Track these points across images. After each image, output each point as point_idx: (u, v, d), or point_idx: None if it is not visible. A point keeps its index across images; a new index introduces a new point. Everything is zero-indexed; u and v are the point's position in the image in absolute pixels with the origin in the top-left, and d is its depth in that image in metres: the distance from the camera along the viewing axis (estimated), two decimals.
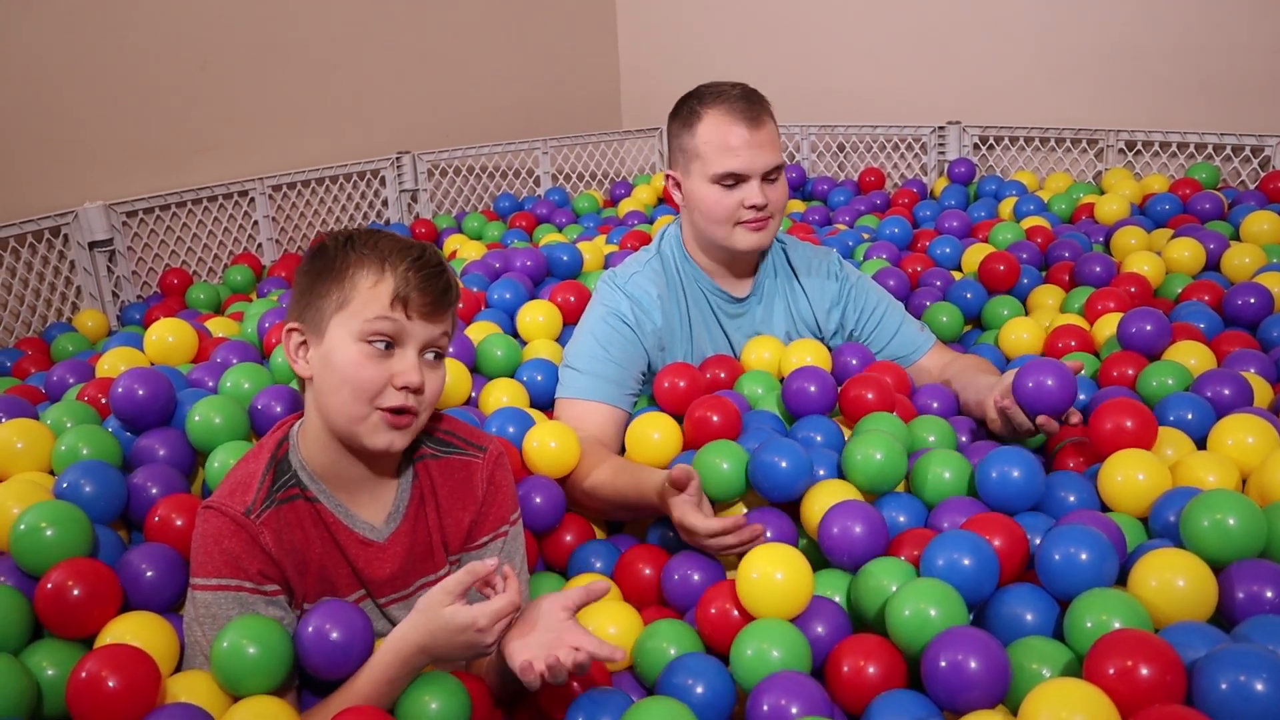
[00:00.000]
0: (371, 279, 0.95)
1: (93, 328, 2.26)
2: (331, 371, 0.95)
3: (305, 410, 1.03)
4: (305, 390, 1.02)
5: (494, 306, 1.96)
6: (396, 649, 0.92)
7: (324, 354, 0.96)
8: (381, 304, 0.95)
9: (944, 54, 3.01)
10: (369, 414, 0.95)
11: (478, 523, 1.09)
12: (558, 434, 1.34)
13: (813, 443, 1.31)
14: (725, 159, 1.42)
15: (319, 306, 0.97)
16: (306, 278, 0.99)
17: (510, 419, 1.42)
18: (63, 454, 1.26)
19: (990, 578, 0.99)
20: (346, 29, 2.90)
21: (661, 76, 3.61)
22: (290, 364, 1.00)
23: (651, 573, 1.20)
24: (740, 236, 1.46)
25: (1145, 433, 1.21)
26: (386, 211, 3.08)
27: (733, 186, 1.43)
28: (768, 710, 0.88)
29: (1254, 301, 1.63)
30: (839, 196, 2.95)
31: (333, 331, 0.95)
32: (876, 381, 1.37)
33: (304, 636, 0.93)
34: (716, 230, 1.47)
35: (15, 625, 1.01)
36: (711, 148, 1.43)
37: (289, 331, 1.00)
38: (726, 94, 1.45)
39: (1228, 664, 0.76)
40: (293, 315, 1.00)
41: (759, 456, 1.18)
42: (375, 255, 0.96)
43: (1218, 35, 2.54)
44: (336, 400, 0.95)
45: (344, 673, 0.93)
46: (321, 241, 1.00)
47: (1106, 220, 2.33)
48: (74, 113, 2.31)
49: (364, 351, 0.94)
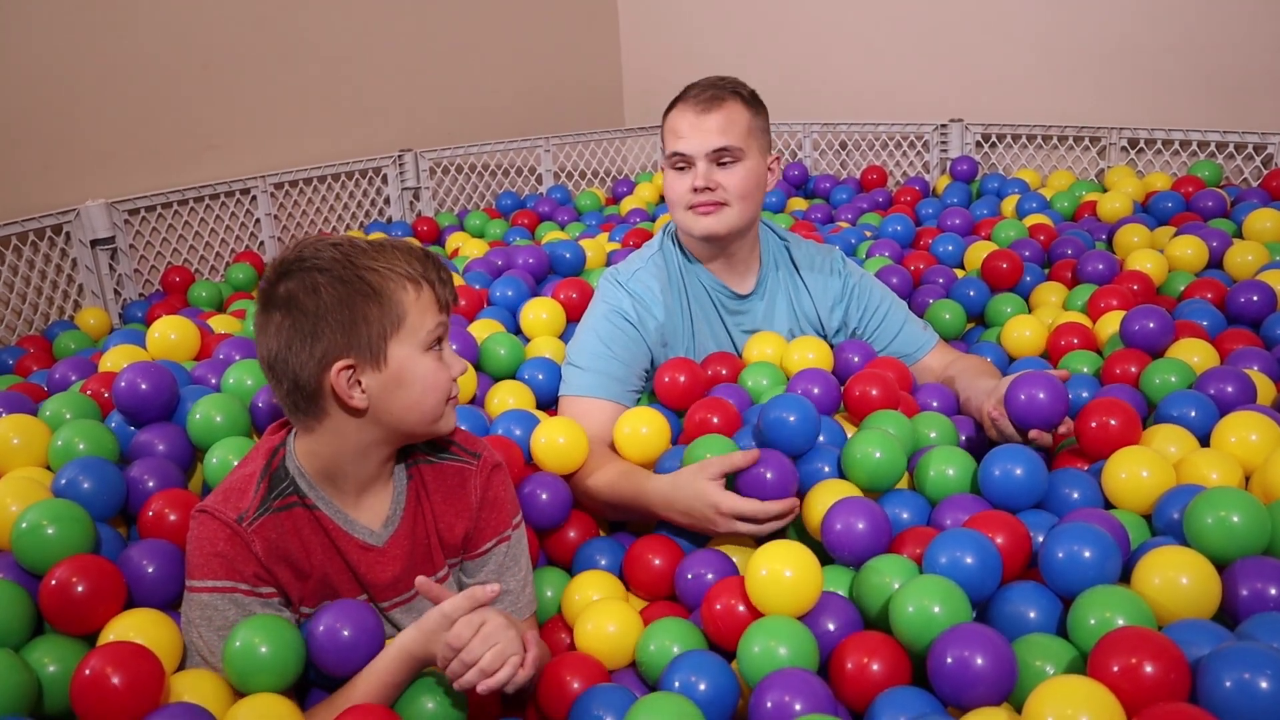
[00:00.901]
0: (412, 292, 0.97)
1: (95, 325, 2.26)
2: (409, 388, 0.97)
3: (319, 425, 0.99)
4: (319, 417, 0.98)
5: (496, 304, 1.96)
6: (398, 656, 0.94)
7: (392, 376, 0.96)
8: (433, 312, 0.98)
9: (946, 51, 3.01)
10: (444, 409, 1.01)
11: (477, 531, 1.10)
12: (566, 430, 1.34)
13: (819, 444, 1.31)
14: (672, 142, 1.47)
15: (365, 335, 0.94)
16: (332, 312, 0.93)
17: (516, 421, 1.42)
18: (59, 449, 1.26)
19: (993, 576, 0.98)
20: (348, 27, 2.90)
21: (664, 74, 3.60)
22: (340, 402, 0.95)
23: (661, 563, 1.20)
24: (691, 220, 1.47)
25: (1130, 430, 1.22)
26: (389, 209, 3.08)
27: (684, 170, 1.46)
28: (771, 707, 0.88)
29: (1256, 299, 1.63)
30: (841, 194, 2.95)
31: (395, 353, 0.96)
32: (880, 378, 1.37)
33: (315, 634, 0.94)
34: (676, 216, 1.50)
35: (17, 621, 1.01)
36: (668, 132, 1.49)
37: (340, 371, 0.93)
38: (696, 85, 1.48)
39: (1232, 662, 0.76)
40: (334, 353, 0.93)
41: (769, 414, 1.22)
42: (402, 269, 0.97)
43: (1220, 33, 2.54)
44: (419, 411, 0.99)
45: (352, 670, 0.95)
46: (307, 271, 0.94)
47: (1109, 218, 2.33)
48: (76, 111, 2.31)
49: (433, 359, 0.98)
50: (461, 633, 0.90)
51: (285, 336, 0.94)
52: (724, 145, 1.43)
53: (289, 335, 0.93)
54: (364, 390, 0.95)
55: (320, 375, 0.94)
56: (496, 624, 0.91)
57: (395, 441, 1.02)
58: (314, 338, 0.93)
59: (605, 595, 1.18)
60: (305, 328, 0.93)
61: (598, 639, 1.09)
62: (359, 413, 0.97)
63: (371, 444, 1.00)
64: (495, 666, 0.89)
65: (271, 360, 0.95)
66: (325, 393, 0.95)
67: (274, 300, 0.95)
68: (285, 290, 0.94)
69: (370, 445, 1.00)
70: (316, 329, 0.93)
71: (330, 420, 0.97)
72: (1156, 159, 2.69)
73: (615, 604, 1.12)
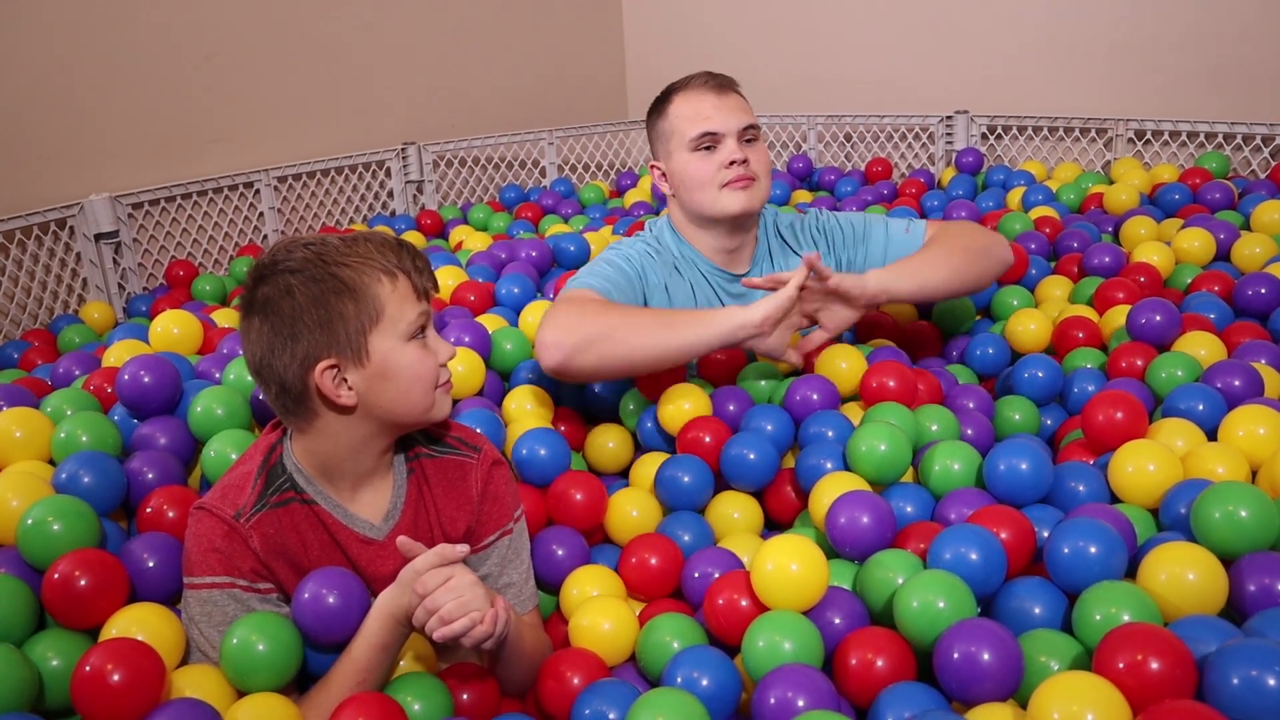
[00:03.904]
0: (388, 284, 0.96)
1: (99, 319, 2.26)
2: (395, 381, 0.97)
3: (310, 424, 0.99)
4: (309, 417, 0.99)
5: (500, 299, 1.96)
6: (378, 616, 0.95)
7: (376, 371, 0.96)
8: (412, 302, 0.98)
9: (951, 43, 2.99)
10: (435, 396, 1.01)
11: (479, 525, 1.10)
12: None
13: (824, 438, 1.31)
14: (698, 123, 1.47)
15: (344, 332, 0.94)
16: (307, 313, 0.93)
17: (540, 440, 1.36)
18: (62, 441, 1.26)
19: (998, 571, 0.98)
20: (351, 20, 2.89)
21: (667, 66, 3.57)
22: (328, 401, 0.96)
23: (658, 563, 1.19)
24: (727, 199, 1.46)
25: (1136, 424, 1.22)
26: (392, 203, 3.07)
27: (711, 149, 1.47)
28: (774, 703, 0.87)
29: (1265, 292, 1.62)
30: (846, 187, 2.93)
31: (377, 346, 0.96)
32: (897, 368, 1.37)
33: (300, 603, 0.95)
34: (703, 198, 1.48)
35: (19, 616, 1.01)
36: (684, 119, 1.49)
37: (324, 371, 0.94)
38: (692, 76, 1.52)
39: (1239, 658, 0.75)
40: (315, 353, 0.93)
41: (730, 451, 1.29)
42: (374, 262, 0.96)
43: (1227, 23, 2.52)
44: (407, 402, 0.99)
45: (342, 637, 0.95)
46: (280, 273, 0.94)
47: (1115, 210, 2.31)
48: (79, 105, 2.31)
49: (416, 348, 0.98)
50: (428, 582, 0.91)
51: (266, 341, 0.94)
52: (750, 123, 1.49)
53: (270, 340, 0.94)
54: (350, 387, 0.96)
55: (304, 377, 0.94)
56: (465, 580, 0.92)
57: (390, 434, 1.03)
58: (293, 340, 0.93)
59: (603, 591, 1.17)
60: (284, 331, 0.93)
61: (593, 636, 1.08)
62: (348, 410, 0.97)
63: (366, 438, 1.00)
64: (455, 617, 0.90)
65: (258, 366, 0.96)
66: (312, 393, 0.95)
67: (253, 306, 0.95)
68: (262, 295, 0.94)
69: (364, 440, 1.00)
70: (295, 331, 0.93)
71: (321, 420, 0.98)
72: (1163, 151, 2.68)
73: (609, 602, 1.11)
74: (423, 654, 1.03)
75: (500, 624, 0.92)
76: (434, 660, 1.04)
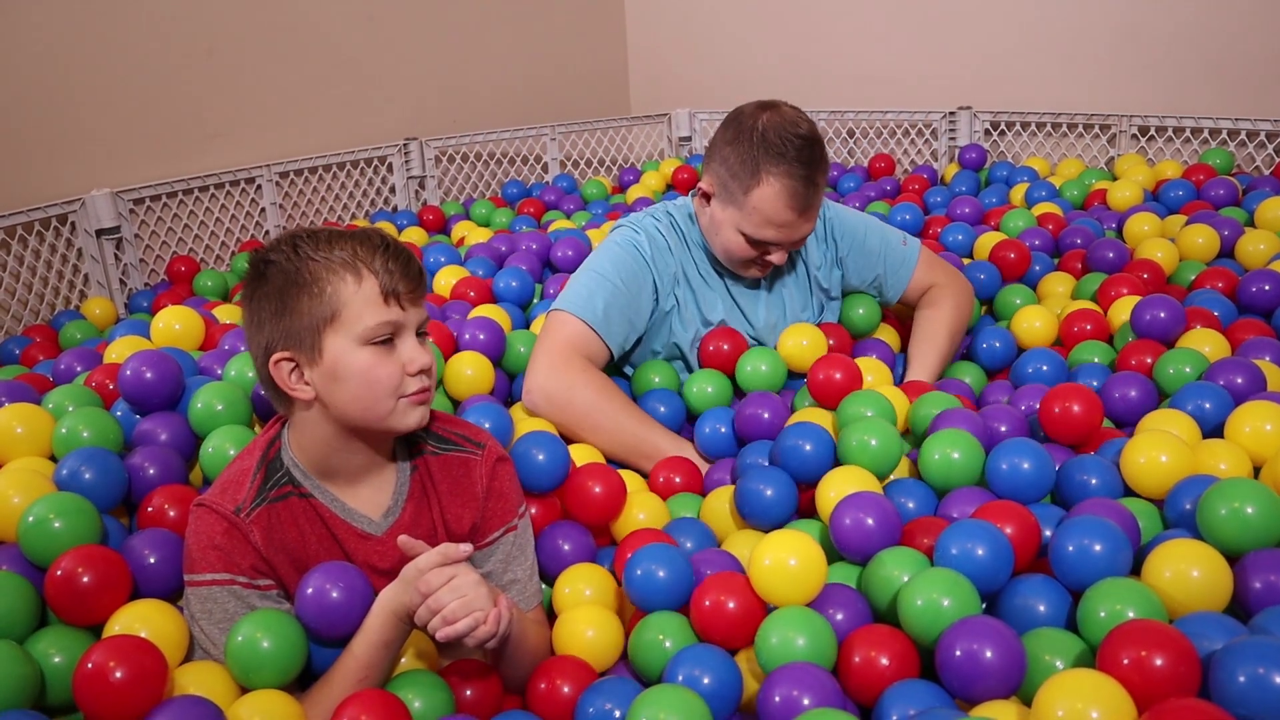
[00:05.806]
0: (352, 283, 0.93)
1: (100, 315, 2.26)
2: (345, 383, 0.94)
3: (292, 415, 1.00)
4: (288, 407, 1.00)
5: (499, 294, 1.95)
6: (380, 613, 0.95)
7: (328, 370, 0.94)
8: (376, 306, 0.94)
9: (955, 39, 2.98)
10: (394, 405, 0.96)
11: (484, 521, 1.09)
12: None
13: (803, 452, 1.26)
14: (766, 231, 1.46)
15: (301, 327, 0.93)
16: (270, 301, 0.94)
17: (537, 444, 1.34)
18: (63, 437, 1.26)
19: (1004, 567, 0.98)
20: (353, 15, 2.88)
21: (670, 61, 3.59)
22: (286, 393, 0.96)
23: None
24: (748, 270, 1.55)
25: (1091, 416, 1.26)
26: (394, 198, 3.07)
27: (759, 245, 1.49)
28: (779, 702, 0.87)
29: (1269, 288, 1.61)
30: (849, 183, 2.93)
31: (331, 346, 0.93)
32: (842, 361, 1.41)
33: (304, 597, 0.95)
34: (729, 262, 1.54)
35: (20, 613, 1.01)
36: (759, 216, 1.44)
37: (278, 362, 0.94)
38: (791, 161, 1.40)
39: (1245, 656, 0.75)
40: (274, 344, 0.94)
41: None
42: (342, 258, 0.93)
43: (1231, 19, 2.51)
44: (359, 406, 0.95)
45: (346, 631, 0.95)
46: (262, 259, 0.95)
47: (1119, 206, 2.31)
48: (81, 100, 2.30)
49: (373, 354, 0.94)
50: (431, 581, 0.91)
51: (246, 328, 0.98)
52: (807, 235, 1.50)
53: (247, 326, 0.98)
54: (307, 383, 0.95)
55: (266, 366, 0.96)
56: (468, 579, 0.92)
57: (359, 434, 1.00)
58: (259, 328, 0.96)
59: (595, 591, 1.14)
60: (254, 319, 0.96)
61: (579, 644, 1.06)
62: (307, 405, 0.97)
63: (334, 435, 0.99)
64: (458, 617, 0.90)
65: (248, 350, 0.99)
66: (277, 384, 0.96)
67: (243, 293, 0.98)
68: (248, 281, 0.97)
69: (334, 437, 0.99)
70: (260, 320, 0.95)
71: (294, 411, 0.99)
72: (1167, 147, 2.67)
73: (592, 610, 1.08)
74: (425, 651, 1.03)
75: (503, 624, 0.92)
76: (436, 657, 1.04)
